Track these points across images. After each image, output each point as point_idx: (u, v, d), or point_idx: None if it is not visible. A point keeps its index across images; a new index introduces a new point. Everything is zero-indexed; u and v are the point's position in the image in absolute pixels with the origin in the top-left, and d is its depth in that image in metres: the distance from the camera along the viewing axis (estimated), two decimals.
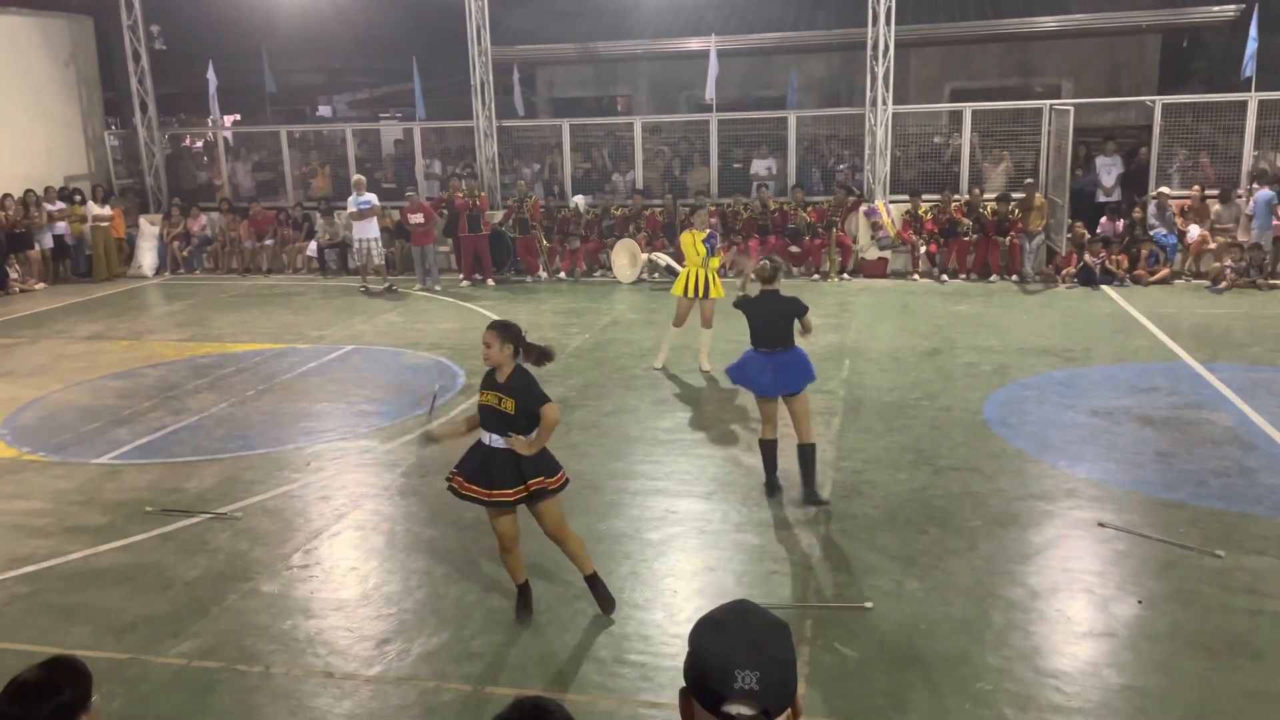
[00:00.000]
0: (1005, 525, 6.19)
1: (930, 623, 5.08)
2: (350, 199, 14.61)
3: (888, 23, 14.35)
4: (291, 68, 22.71)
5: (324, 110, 28.52)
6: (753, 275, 6.70)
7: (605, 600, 5.24)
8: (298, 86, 24.96)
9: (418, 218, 14.54)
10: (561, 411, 8.58)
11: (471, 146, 16.59)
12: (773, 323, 6.41)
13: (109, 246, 16.36)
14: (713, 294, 9.49)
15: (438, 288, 14.60)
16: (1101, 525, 6.10)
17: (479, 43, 15.93)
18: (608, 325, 11.88)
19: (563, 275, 15.20)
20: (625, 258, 14.55)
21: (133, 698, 4.66)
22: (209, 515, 6.71)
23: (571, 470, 7.13)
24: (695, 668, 1.59)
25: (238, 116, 23.95)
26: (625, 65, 20.88)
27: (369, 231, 14.47)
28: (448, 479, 5.17)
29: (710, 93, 15.73)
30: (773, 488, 6.66)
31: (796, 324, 6.49)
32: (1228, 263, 13.03)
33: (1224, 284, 12.87)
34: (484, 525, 6.40)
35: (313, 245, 16.43)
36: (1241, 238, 13.46)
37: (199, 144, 20.16)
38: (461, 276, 15.10)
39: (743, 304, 6.54)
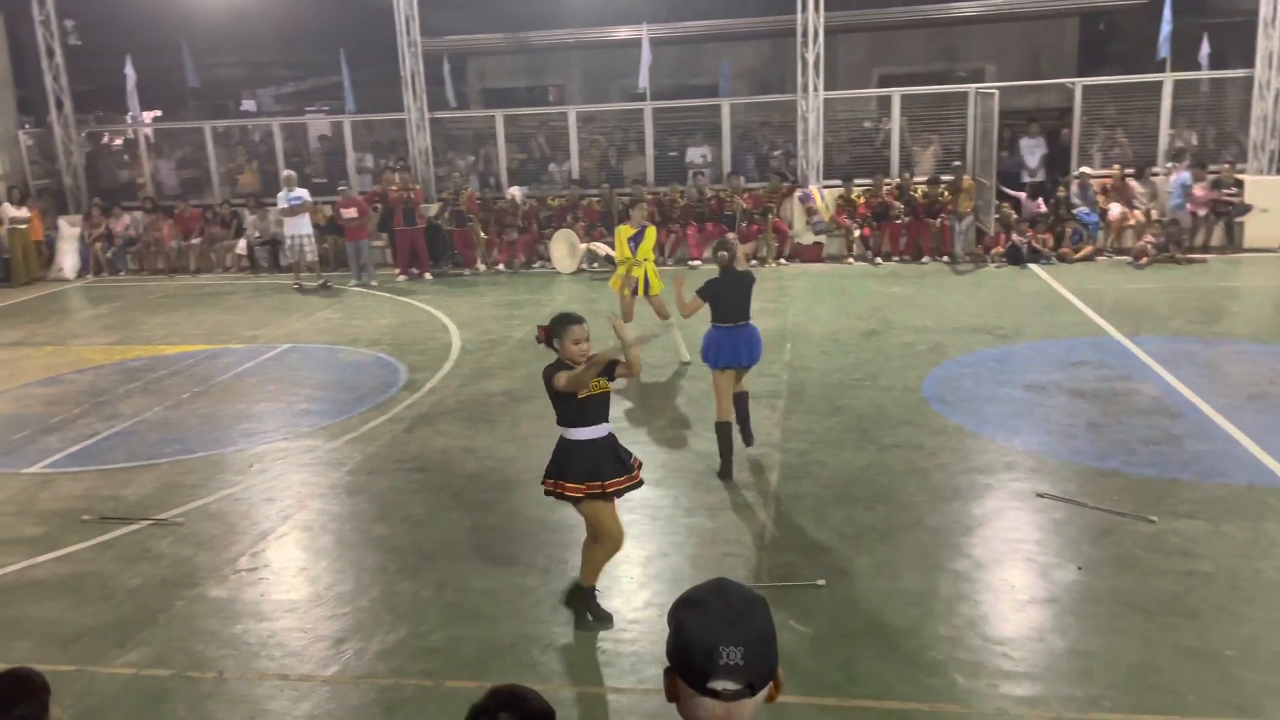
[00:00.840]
0: (948, 499, 6.35)
1: (881, 597, 5.20)
2: (280, 195, 14.34)
3: (816, 9, 14.51)
4: (213, 62, 22.10)
5: (248, 105, 27.83)
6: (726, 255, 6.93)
7: (601, 615, 5.10)
8: (220, 81, 24.29)
9: (351, 212, 14.32)
10: (509, 403, 8.62)
11: (403, 139, 16.36)
12: (737, 296, 6.76)
13: (27, 249, 15.81)
14: (654, 290, 9.45)
15: (373, 283, 14.40)
16: (1040, 495, 6.29)
17: (408, 34, 15.70)
18: (549, 316, 11.84)
19: (501, 267, 15.10)
20: (564, 248, 14.49)
21: (81, 710, 4.55)
22: (149, 521, 6.55)
23: (522, 463, 7.20)
24: (679, 647, 1.61)
25: (159, 113, 23.23)
26: (556, 55, 20.77)
27: (301, 228, 14.21)
28: (561, 492, 4.97)
29: (643, 82, 15.74)
30: (727, 472, 6.74)
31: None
32: (1148, 239, 13.47)
33: (1145, 260, 13.30)
34: (435, 521, 6.39)
35: (243, 243, 16.08)
36: (1156, 215, 13.91)
37: (119, 142, 19.53)
38: (398, 271, 14.91)
39: (708, 291, 6.74)
